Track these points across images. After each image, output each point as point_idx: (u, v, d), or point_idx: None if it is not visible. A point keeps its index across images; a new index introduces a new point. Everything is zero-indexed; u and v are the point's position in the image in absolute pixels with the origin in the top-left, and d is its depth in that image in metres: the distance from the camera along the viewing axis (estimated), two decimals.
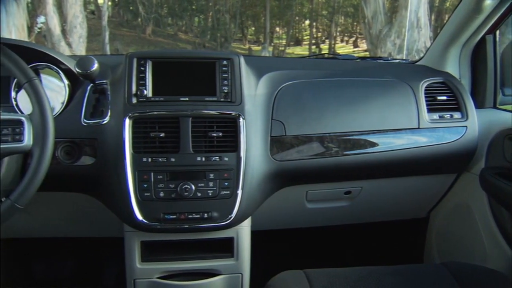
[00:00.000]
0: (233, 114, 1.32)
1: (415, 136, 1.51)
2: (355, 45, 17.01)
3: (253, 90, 1.42)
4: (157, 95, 1.33)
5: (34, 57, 1.35)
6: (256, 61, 1.58)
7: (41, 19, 7.51)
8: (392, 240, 2.09)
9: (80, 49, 8.38)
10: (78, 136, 1.33)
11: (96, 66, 1.27)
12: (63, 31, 8.15)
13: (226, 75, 1.37)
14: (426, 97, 1.56)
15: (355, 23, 17.33)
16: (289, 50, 15.78)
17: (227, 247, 1.41)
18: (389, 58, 2.01)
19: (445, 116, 1.56)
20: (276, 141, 1.39)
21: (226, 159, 1.29)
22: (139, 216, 1.26)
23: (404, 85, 1.56)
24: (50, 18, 7.76)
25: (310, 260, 1.82)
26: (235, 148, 1.30)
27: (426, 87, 1.58)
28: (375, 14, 8.46)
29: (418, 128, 1.51)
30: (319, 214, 1.66)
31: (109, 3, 13.27)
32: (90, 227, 1.66)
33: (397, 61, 2.04)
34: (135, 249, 1.37)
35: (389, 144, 1.48)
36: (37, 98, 1.12)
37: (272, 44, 15.93)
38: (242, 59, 1.40)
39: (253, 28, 17.34)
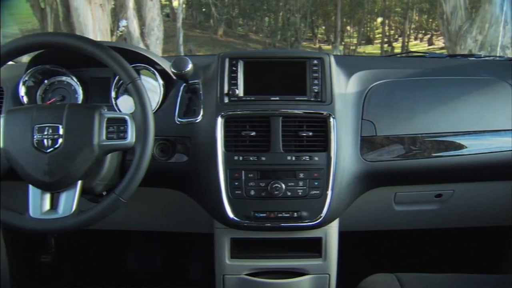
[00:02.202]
0: (324, 113, 1.31)
1: None
2: (430, 42, 16.29)
3: (343, 90, 1.40)
4: (248, 95, 1.36)
5: (133, 58, 1.41)
6: (345, 60, 1.55)
7: (123, 22, 7.92)
8: (485, 247, 1.97)
9: (157, 50, 8.71)
10: (173, 134, 1.38)
11: (190, 66, 1.31)
12: (142, 34, 8.53)
13: (317, 75, 1.36)
14: None
15: (430, 20, 16.62)
16: (360, 49, 15.43)
17: (315, 247, 1.40)
18: (482, 55, 1.90)
19: None
20: (367, 141, 1.36)
21: (316, 158, 1.29)
22: (230, 213, 1.29)
23: (503, 84, 1.47)
24: (131, 22, 8.15)
25: (397, 264, 1.76)
26: (325, 148, 1.29)
27: None
28: (454, 10, 8.03)
29: None
30: (407, 217, 1.61)
31: (183, 5, 13.70)
32: (180, 222, 1.71)
33: (491, 58, 1.92)
34: (225, 245, 1.41)
35: (487, 146, 1.41)
36: (140, 98, 1.17)
37: (343, 43, 15.66)
38: (332, 58, 1.39)
39: (323, 28, 17.16)
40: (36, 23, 8.25)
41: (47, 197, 1.18)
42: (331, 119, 1.30)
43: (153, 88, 1.45)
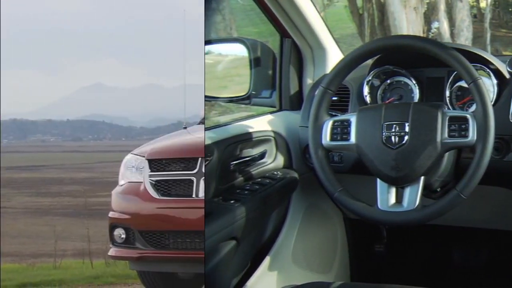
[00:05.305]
0: None
1: None
2: None
3: None
4: None
5: (469, 58, 1.42)
6: None
7: (434, 24, 8.23)
8: None
9: None
10: (507, 132, 1.39)
11: None
12: (451, 34, 8.62)
13: None
14: None
15: None
16: None
17: None
18: None
19: None
20: None
21: None
22: None
23: None
24: (441, 23, 8.36)
25: None
26: None
27: None
28: None
29: None
30: None
31: (491, 6, 12.90)
32: (509, 220, 1.69)
33: None
34: None
35: None
36: (481, 97, 1.21)
37: None
38: None
39: None
40: (354, 28, 9.36)
41: (393, 191, 1.29)
42: None
43: (487, 88, 1.43)
